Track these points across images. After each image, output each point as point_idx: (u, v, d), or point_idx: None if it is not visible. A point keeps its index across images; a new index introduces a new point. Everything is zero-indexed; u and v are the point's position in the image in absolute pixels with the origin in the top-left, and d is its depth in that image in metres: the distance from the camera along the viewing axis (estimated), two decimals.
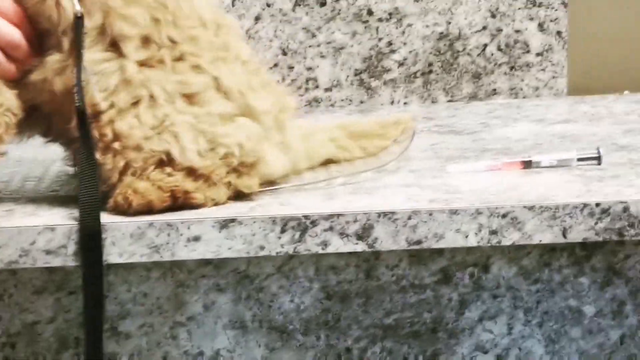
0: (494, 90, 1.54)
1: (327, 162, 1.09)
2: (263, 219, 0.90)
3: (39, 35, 0.91)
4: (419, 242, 0.91)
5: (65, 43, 0.90)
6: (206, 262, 0.93)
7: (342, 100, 1.52)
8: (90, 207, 0.87)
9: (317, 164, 1.08)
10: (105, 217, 0.87)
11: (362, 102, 1.52)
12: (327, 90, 1.52)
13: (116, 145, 0.89)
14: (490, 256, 0.96)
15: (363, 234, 0.91)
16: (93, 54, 0.90)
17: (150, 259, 0.88)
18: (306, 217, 0.90)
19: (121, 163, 0.90)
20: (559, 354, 0.99)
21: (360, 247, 0.91)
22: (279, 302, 0.95)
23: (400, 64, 1.52)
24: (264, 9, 1.47)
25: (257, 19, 1.47)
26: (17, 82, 0.91)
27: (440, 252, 0.95)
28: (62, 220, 0.87)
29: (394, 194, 0.97)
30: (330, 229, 0.90)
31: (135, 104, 0.90)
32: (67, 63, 0.90)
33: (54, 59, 0.90)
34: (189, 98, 0.93)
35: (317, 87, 1.51)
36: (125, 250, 0.87)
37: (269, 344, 0.96)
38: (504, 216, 0.91)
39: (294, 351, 0.97)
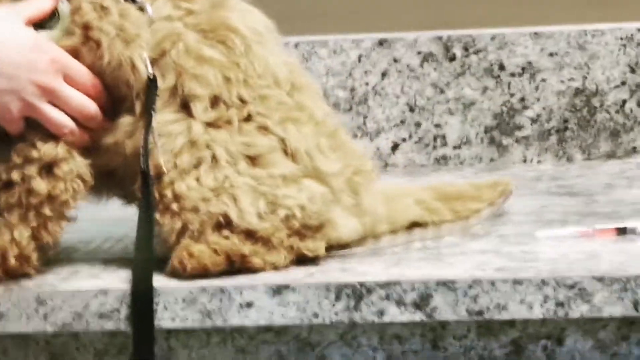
0: (634, 148, 1.42)
1: (414, 225, 1.03)
2: (317, 286, 0.86)
3: (115, 102, 0.92)
4: (480, 312, 0.84)
5: (138, 106, 0.91)
6: (266, 328, 0.89)
7: (472, 158, 1.45)
8: (144, 270, 0.86)
9: (401, 227, 1.03)
10: (158, 281, 0.86)
11: (492, 160, 1.45)
12: (455, 147, 1.45)
13: (175, 206, 0.89)
14: (564, 328, 0.87)
15: (421, 303, 0.85)
16: (164, 115, 0.91)
17: (203, 325, 0.86)
18: (361, 284, 0.85)
19: (178, 225, 0.89)
20: None
21: (418, 316, 0.85)
22: None
23: (534, 121, 1.44)
24: (390, 65, 1.43)
25: (384, 75, 1.44)
26: (91, 148, 0.92)
27: (511, 322, 0.87)
28: (119, 283, 0.86)
29: (464, 260, 0.90)
30: (387, 297, 0.85)
31: (198, 165, 0.89)
32: (138, 125, 0.90)
33: (125, 122, 0.91)
34: (253, 159, 0.91)
35: (445, 144, 1.45)
36: (178, 314, 0.86)
37: None
38: (571, 287, 0.82)
39: None
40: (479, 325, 0.88)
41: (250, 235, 0.89)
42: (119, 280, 0.87)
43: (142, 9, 0.92)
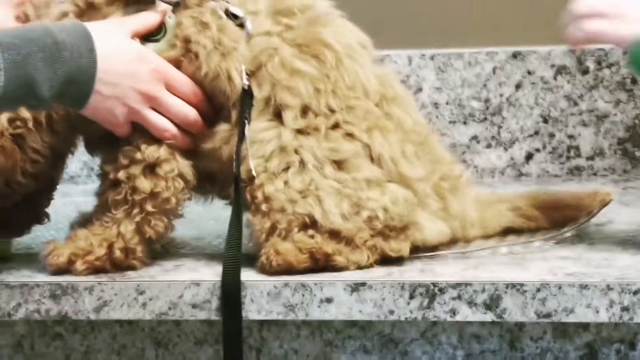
0: None
1: (508, 231, 1.04)
2: (392, 284, 0.88)
3: (214, 110, 0.99)
4: (548, 315, 0.84)
5: (234, 114, 0.97)
6: (352, 324, 0.92)
7: (605, 169, 1.43)
8: (233, 265, 0.91)
9: (494, 232, 1.03)
10: (246, 275, 0.91)
11: (625, 171, 1.41)
12: (589, 159, 1.43)
13: (264, 207, 0.93)
14: (637, 333, 0.85)
15: (491, 304, 0.85)
16: (258, 124, 0.96)
17: (286, 317, 0.90)
18: (434, 284, 0.87)
19: (267, 224, 0.94)
20: None
21: (489, 317, 0.86)
22: None
23: None
24: (524, 77, 1.44)
25: (518, 86, 1.44)
26: (193, 152, 0.98)
27: (585, 326, 0.86)
28: (213, 276, 0.92)
29: (541, 265, 0.91)
30: (459, 297, 0.86)
31: (286, 169, 0.94)
32: (233, 133, 0.96)
33: (222, 130, 0.97)
34: (338, 164, 0.94)
35: (578, 155, 1.43)
36: (263, 307, 0.91)
37: None
38: (635, 293, 0.80)
39: None
40: (554, 328, 0.87)
41: (334, 235, 0.93)
42: (214, 274, 0.93)
43: (242, 25, 0.98)
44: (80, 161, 1.40)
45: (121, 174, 0.96)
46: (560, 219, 1.05)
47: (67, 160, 1.05)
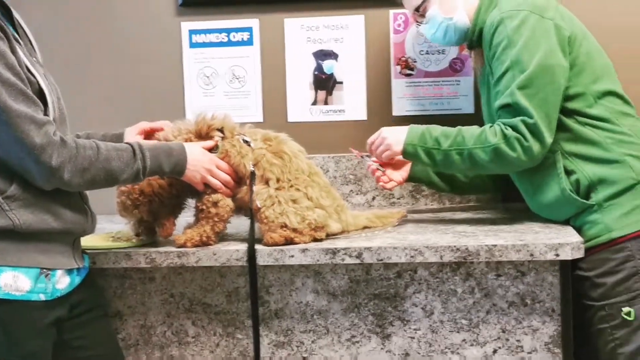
0: None
1: (365, 227, 2.13)
2: (321, 249, 1.94)
3: (239, 180, 2.05)
4: (382, 260, 1.93)
5: (247, 182, 2.03)
6: (303, 266, 2.00)
7: None
8: (251, 243, 1.97)
9: (360, 228, 2.12)
10: (258, 247, 1.97)
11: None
12: None
13: (265, 220, 2.00)
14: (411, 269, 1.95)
15: (358, 256, 1.93)
16: (258, 187, 2.02)
17: (274, 264, 1.96)
18: (336, 249, 1.95)
19: (265, 227, 2.00)
20: None
21: (358, 261, 1.93)
22: None
23: None
24: None
25: None
26: (233, 197, 2.04)
27: (391, 265, 1.96)
28: (243, 246, 1.98)
29: (377, 240, 1.99)
30: (345, 253, 1.94)
31: (272, 205, 2.00)
32: (247, 191, 2.02)
33: (243, 189, 2.03)
34: (294, 201, 2.00)
35: None
36: (265, 260, 1.96)
37: None
38: (410, 249, 1.90)
39: None
40: (385, 265, 1.97)
41: (294, 230, 1.98)
42: (243, 245, 1.99)
43: (249, 144, 2.04)
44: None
45: (204, 206, 2.02)
46: (386, 223, 2.16)
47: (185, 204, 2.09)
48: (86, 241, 1.99)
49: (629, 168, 2.04)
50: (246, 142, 2.04)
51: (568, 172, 2.07)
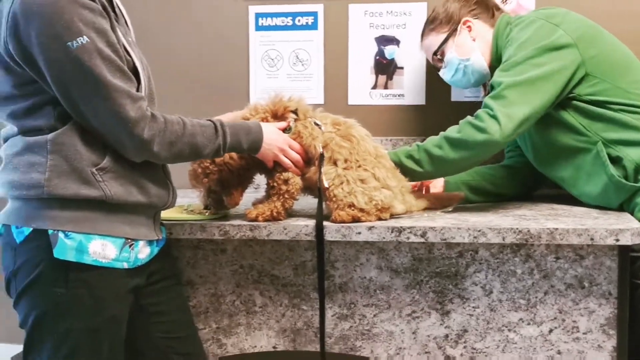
0: None
1: (426, 209, 2.17)
2: (385, 227, 1.99)
3: (309, 160, 2.09)
4: (445, 239, 1.97)
5: (316, 163, 2.07)
6: (369, 243, 2.05)
7: None
8: (320, 220, 2.02)
9: (421, 209, 2.16)
10: (326, 224, 2.02)
11: None
12: None
13: (333, 198, 2.05)
14: (476, 251, 2.00)
15: (422, 234, 1.97)
16: (326, 167, 2.06)
17: (342, 239, 2.01)
18: (401, 227, 1.99)
19: (334, 205, 2.04)
20: None
21: (422, 240, 1.98)
22: None
23: None
24: None
25: None
26: (302, 176, 2.09)
27: (455, 244, 2.01)
28: (312, 223, 2.03)
29: (440, 220, 2.03)
30: (410, 232, 1.98)
31: (340, 184, 2.04)
32: (316, 170, 2.06)
33: (312, 169, 2.08)
34: (362, 181, 2.05)
35: None
36: (333, 235, 2.01)
37: None
38: (478, 232, 1.94)
39: None
40: (447, 244, 2.01)
41: (361, 210, 2.03)
42: (312, 221, 2.04)
43: (320, 127, 2.09)
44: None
45: (275, 183, 2.07)
46: (443, 205, 2.20)
47: (254, 178, 2.14)
48: (163, 213, 2.06)
49: None
50: (317, 125, 2.08)
51: (613, 160, 2.11)
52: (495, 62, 2.27)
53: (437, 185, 2.33)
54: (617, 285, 1.96)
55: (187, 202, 2.29)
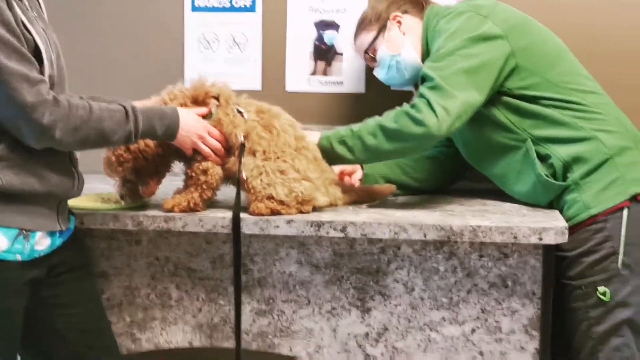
0: None
1: (353, 202, 2.08)
2: (305, 221, 1.90)
3: (229, 149, 1.99)
4: (366, 235, 1.88)
5: (236, 153, 1.97)
6: (287, 237, 1.95)
7: None
8: (236, 211, 1.92)
9: (348, 202, 2.07)
10: (243, 216, 1.93)
11: None
12: None
13: (251, 190, 1.95)
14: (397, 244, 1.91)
15: (342, 229, 1.88)
16: (246, 158, 1.96)
17: (260, 233, 1.92)
18: (320, 222, 1.90)
19: (253, 197, 1.95)
20: None
21: (342, 234, 1.89)
22: None
23: None
24: None
25: None
26: (222, 166, 1.98)
27: (376, 240, 1.92)
28: (229, 214, 1.93)
29: (363, 214, 1.94)
30: (330, 226, 1.89)
31: (260, 174, 1.94)
32: (236, 161, 1.96)
33: (232, 159, 1.98)
34: (281, 172, 1.95)
35: None
36: (250, 228, 1.92)
37: None
38: (396, 227, 1.85)
39: None
40: (369, 239, 1.92)
41: (281, 202, 1.93)
42: (230, 213, 1.95)
43: (242, 116, 1.98)
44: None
45: (193, 173, 1.97)
46: (372, 198, 2.11)
47: (172, 166, 2.03)
48: (75, 201, 1.96)
49: (600, 143, 2.00)
50: (240, 112, 1.99)
51: (542, 158, 2.04)
52: (427, 55, 2.17)
53: (355, 178, 2.23)
54: (541, 285, 1.89)
55: (107, 191, 2.18)
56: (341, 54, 2.60)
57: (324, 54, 2.60)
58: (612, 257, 1.94)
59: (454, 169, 2.35)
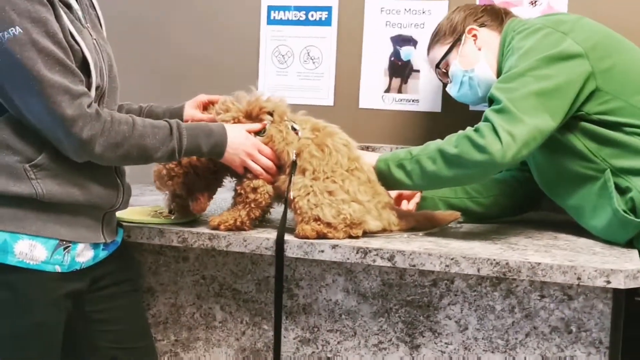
0: None
1: (411, 229, 1.94)
2: (350, 246, 1.78)
3: (281, 167, 1.90)
4: (414, 266, 1.74)
5: (287, 171, 1.88)
6: (333, 262, 1.84)
7: None
8: (281, 232, 1.83)
9: (405, 229, 1.93)
10: (288, 237, 1.83)
11: None
12: None
13: (298, 211, 1.85)
14: (452, 277, 1.75)
15: (390, 258, 1.75)
16: (296, 177, 1.86)
17: (305, 257, 1.81)
18: (368, 249, 1.77)
19: (299, 218, 1.85)
20: None
21: (389, 264, 1.75)
22: None
23: None
24: None
25: None
26: (273, 183, 1.90)
27: (428, 272, 1.76)
28: (273, 236, 1.84)
29: (412, 244, 1.80)
30: (377, 254, 1.76)
31: (307, 194, 1.84)
32: (286, 180, 1.87)
33: (282, 177, 1.89)
34: (329, 192, 1.84)
35: None
36: (294, 251, 1.82)
37: None
38: (456, 259, 1.70)
39: None
40: (420, 272, 1.78)
41: (328, 225, 1.83)
42: (275, 234, 1.85)
43: (296, 132, 1.89)
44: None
45: (242, 190, 1.89)
46: (433, 225, 1.96)
47: (224, 182, 1.95)
48: (124, 213, 1.93)
49: None
50: (294, 129, 1.89)
51: (621, 191, 1.82)
52: (501, 72, 2.00)
53: (412, 202, 2.08)
54: (610, 333, 1.68)
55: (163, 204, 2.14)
56: (418, 71, 2.46)
57: (400, 70, 2.48)
58: None
59: (527, 196, 2.17)
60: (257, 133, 1.90)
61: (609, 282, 1.62)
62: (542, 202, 2.18)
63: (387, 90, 2.49)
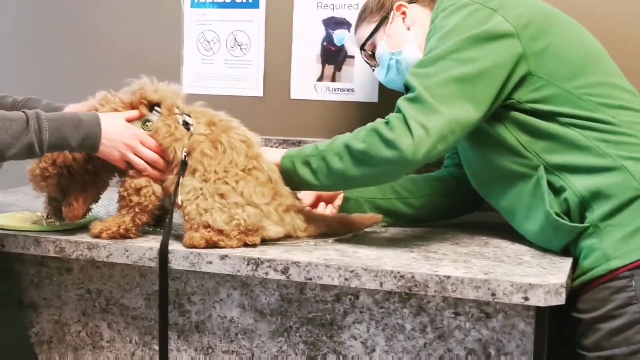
0: None
1: (322, 235, 1.70)
2: (241, 257, 1.56)
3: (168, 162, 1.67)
4: (310, 279, 1.50)
5: (175, 171, 1.65)
6: (222, 275, 1.61)
7: None
8: (165, 242, 1.60)
9: (314, 235, 1.69)
10: (173, 246, 1.61)
11: None
12: None
13: (186, 217, 1.63)
14: (354, 292, 1.51)
15: (284, 271, 1.52)
16: (185, 178, 1.63)
17: (190, 269, 1.59)
18: (260, 260, 1.54)
19: (188, 225, 1.63)
20: None
21: (284, 277, 1.53)
22: None
23: None
24: None
25: None
26: (161, 182, 1.67)
27: (329, 287, 1.53)
28: (156, 245, 1.62)
29: (317, 254, 1.57)
30: (269, 266, 1.53)
31: (196, 199, 1.62)
32: (174, 180, 1.65)
33: (170, 178, 1.66)
34: (221, 195, 1.61)
35: None
36: (180, 263, 1.59)
37: None
38: (352, 271, 1.46)
39: None
40: (322, 286, 1.54)
41: (219, 231, 1.60)
42: (156, 244, 1.63)
43: (188, 128, 1.66)
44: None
45: (125, 192, 1.66)
46: (348, 230, 1.72)
47: (105, 186, 1.72)
48: (3, 219, 1.72)
49: (628, 175, 1.53)
50: (186, 123, 1.66)
51: (555, 191, 1.57)
52: None
53: (335, 204, 1.85)
54: (532, 357, 1.44)
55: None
56: (352, 57, 2.22)
57: (333, 56, 2.24)
58: (638, 326, 1.46)
59: (466, 196, 1.91)
60: (144, 125, 1.67)
61: (526, 298, 1.38)
62: (483, 204, 1.93)
63: (320, 79, 2.25)
